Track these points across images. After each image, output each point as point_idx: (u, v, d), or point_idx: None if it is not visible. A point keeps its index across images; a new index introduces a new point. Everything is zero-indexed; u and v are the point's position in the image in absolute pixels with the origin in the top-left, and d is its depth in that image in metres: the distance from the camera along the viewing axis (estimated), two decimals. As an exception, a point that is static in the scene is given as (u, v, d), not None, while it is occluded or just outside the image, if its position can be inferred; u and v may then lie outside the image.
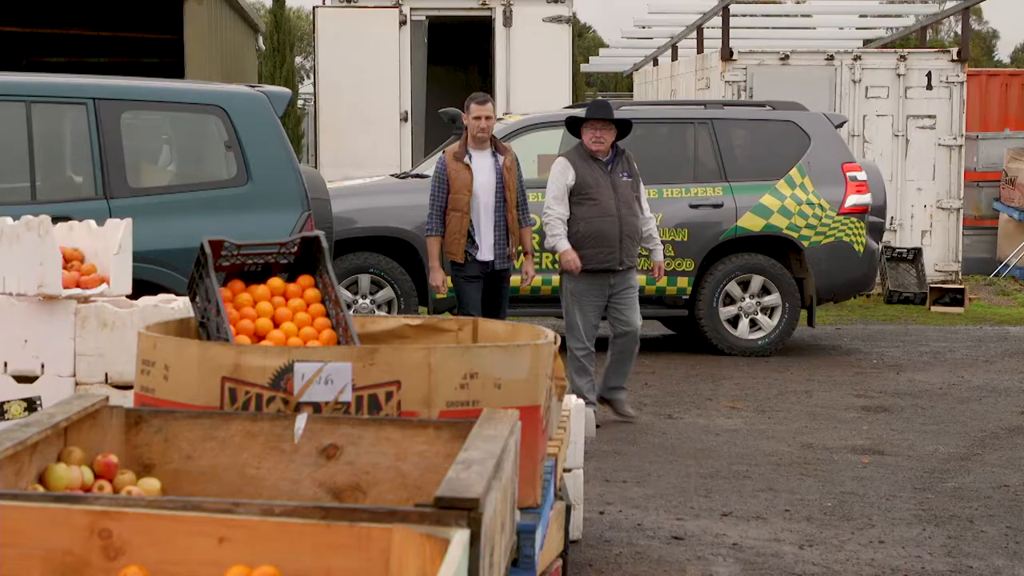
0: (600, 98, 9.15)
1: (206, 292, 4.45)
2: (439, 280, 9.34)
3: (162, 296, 6.04)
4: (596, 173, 8.94)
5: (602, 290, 8.97)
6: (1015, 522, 6.89)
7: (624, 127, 9.04)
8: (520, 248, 9.41)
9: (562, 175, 8.99)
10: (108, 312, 5.62)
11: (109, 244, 5.98)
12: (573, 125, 9.10)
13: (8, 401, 5.58)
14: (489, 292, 9.36)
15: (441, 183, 9.22)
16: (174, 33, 17.70)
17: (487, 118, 9.20)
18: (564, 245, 8.93)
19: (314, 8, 17.42)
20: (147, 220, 7.67)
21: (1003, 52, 61.54)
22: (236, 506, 2.59)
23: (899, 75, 17.03)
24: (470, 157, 9.22)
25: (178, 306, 5.68)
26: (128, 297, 5.96)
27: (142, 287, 6.94)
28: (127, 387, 5.43)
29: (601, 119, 8.93)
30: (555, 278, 11.91)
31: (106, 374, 5.61)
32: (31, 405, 5.54)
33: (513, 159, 9.31)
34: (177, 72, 16.63)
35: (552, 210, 8.97)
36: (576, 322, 8.99)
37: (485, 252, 9.24)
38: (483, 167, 9.22)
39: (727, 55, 17.00)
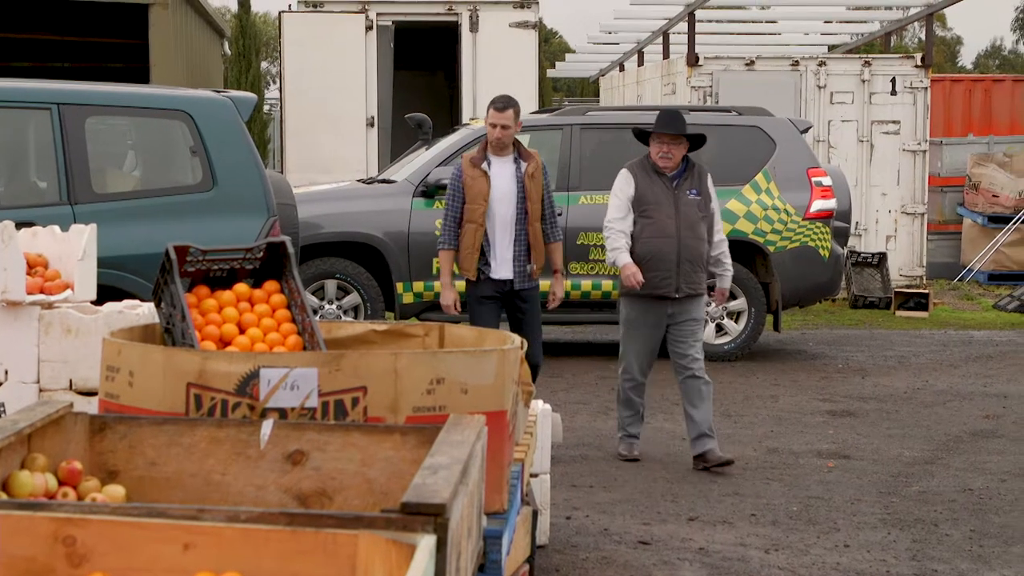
0: (671, 109, 8.25)
1: (171, 298, 4.43)
2: (450, 299, 8.49)
3: (127, 302, 6.01)
4: (658, 189, 8.04)
5: (659, 319, 8.07)
6: (979, 525, 6.93)
7: (696, 139, 8.19)
8: (537, 265, 8.40)
9: (623, 188, 8.09)
10: (72, 318, 5.59)
11: (73, 249, 5.95)
12: (641, 134, 8.27)
13: (-29, 408, 5.54)
14: (513, 315, 8.45)
15: (456, 192, 8.32)
16: (139, 38, 17.62)
17: (503, 127, 8.24)
18: (624, 258, 8.01)
19: (280, 13, 17.38)
20: (112, 225, 7.63)
21: (967, 58, 62.00)
22: (201, 512, 2.58)
23: (864, 81, 17.12)
24: (489, 163, 8.31)
25: (143, 312, 5.65)
26: (92, 303, 5.93)
27: (107, 293, 6.90)
28: (91, 393, 5.40)
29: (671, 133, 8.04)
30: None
31: (70, 380, 5.58)
32: (-5, 412, 5.51)
33: (538, 166, 8.36)
34: (142, 77, 16.55)
35: (613, 223, 8.09)
36: (627, 350, 8.18)
37: (500, 269, 8.33)
38: (502, 174, 8.30)
39: (693, 60, 17.05)
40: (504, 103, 8.29)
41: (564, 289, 8.43)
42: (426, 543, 2.45)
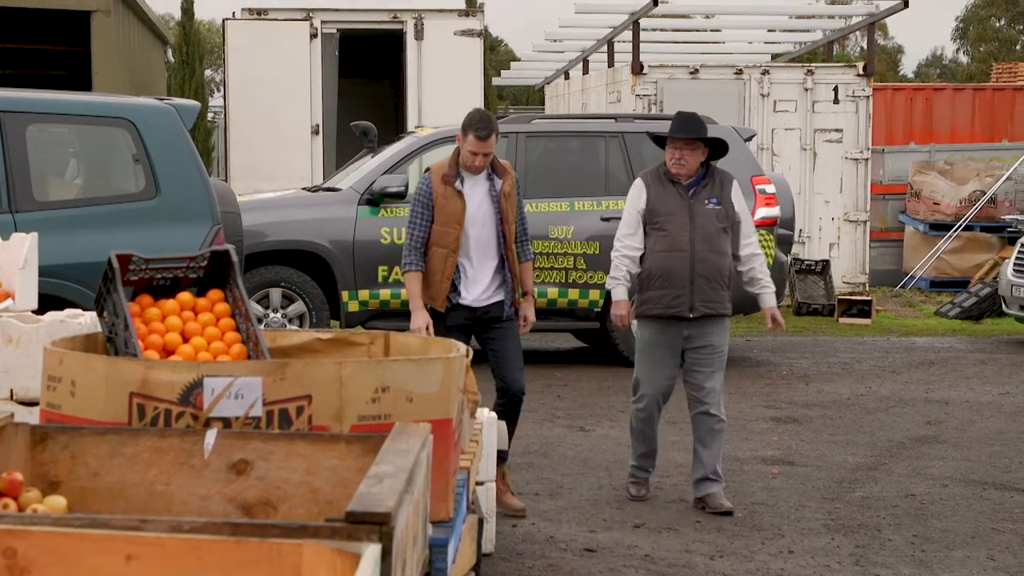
0: (686, 111, 7.56)
1: (114, 307, 4.40)
2: (422, 322, 7.25)
3: (69, 311, 5.96)
4: (672, 198, 7.31)
5: (674, 341, 7.31)
6: (921, 530, 6.99)
7: (718, 145, 7.45)
8: (521, 291, 7.48)
9: (634, 200, 7.41)
10: (13, 327, 5.53)
11: (14, 258, 5.89)
12: (658, 139, 7.65)
13: (-90, 419, 5.48)
14: (491, 343, 7.38)
15: (425, 209, 7.25)
16: (81, 45, 17.50)
17: (484, 155, 7.18)
18: (619, 294, 7.38)
19: (224, 21, 17.30)
20: (54, 234, 7.57)
21: (908, 67, 62.61)
22: (144, 523, 2.56)
23: (806, 89, 17.24)
24: (462, 181, 7.26)
25: (85, 321, 5.61)
26: (34, 312, 5.88)
27: (48, 302, 6.84)
28: (33, 403, 5.35)
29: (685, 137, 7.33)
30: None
31: (11, 390, 5.52)
32: (-66, 422, 5.45)
33: (513, 183, 7.35)
34: (84, 85, 16.43)
35: (619, 244, 7.44)
36: (640, 378, 7.39)
37: (475, 296, 7.30)
38: (476, 193, 7.26)
39: (637, 69, 17.12)
40: (487, 130, 7.14)
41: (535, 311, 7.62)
42: (371, 552, 2.44)
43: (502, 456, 7.00)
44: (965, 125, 24.23)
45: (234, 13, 17.56)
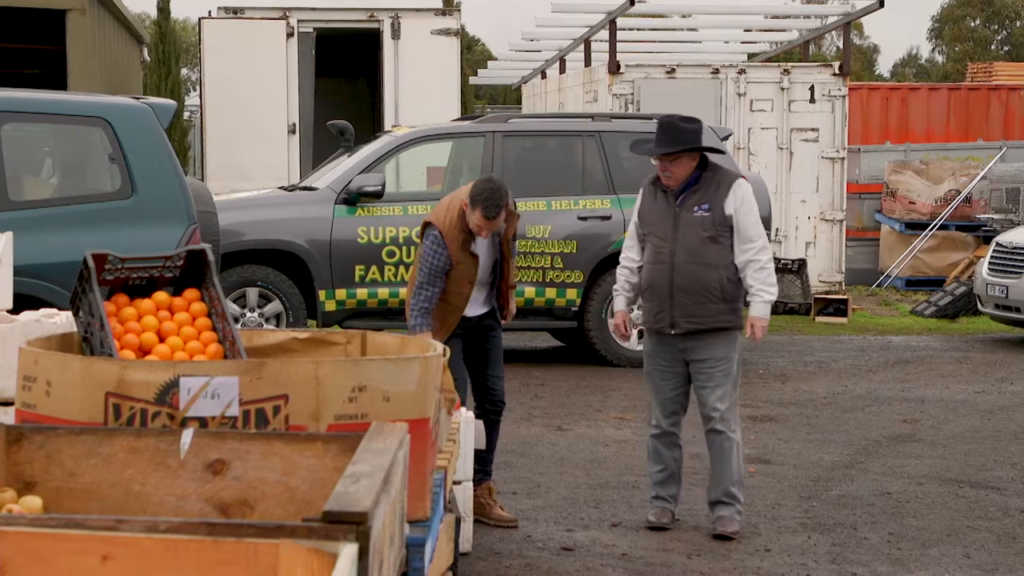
0: (669, 117, 6.92)
1: (89, 306, 4.39)
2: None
3: (44, 311, 5.94)
4: (660, 207, 6.89)
5: (672, 354, 6.92)
6: (897, 529, 7.02)
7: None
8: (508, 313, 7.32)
9: (634, 209, 7.12)
10: (-12, 327, 5.51)
11: (-11, 258, 5.86)
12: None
13: None
14: (477, 351, 7.20)
15: (443, 274, 6.93)
16: (57, 44, 17.43)
17: (491, 230, 6.87)
18: (617, 304, 7.14)
19: (200, 19, 17.26)
20: (29, 234, 7.54)
21: (884, 66, 62.87)
22: (120, 523, 2.55)
23: (783, 89, 17.27)
24: (476, 241, 6.95)
25: (61, 321, 5.58)
26: (9, 312, 5.85)
27: (24, 302, 6.82)
28: (8, 403, 5.33)
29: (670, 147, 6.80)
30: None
31: (-14, 390, 5.49)
32: (-91, 423, 5.42)
33: (515, 224, 7.09)
34: (60, 83, 16.36)
35: (622, 254, 7.12)
36: (648, 391, 7.10)
37: (472, 312, 7.12)
38: (483, 246, 7.01)
39: (614, 68, 17.13)
40: (496, 208, 6.76)
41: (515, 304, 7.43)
42: (348, 552, 2.44)
43: (487, 471, 6.99)
44: (940, 124, 24.33)
45: (210, 12, 17.51)
